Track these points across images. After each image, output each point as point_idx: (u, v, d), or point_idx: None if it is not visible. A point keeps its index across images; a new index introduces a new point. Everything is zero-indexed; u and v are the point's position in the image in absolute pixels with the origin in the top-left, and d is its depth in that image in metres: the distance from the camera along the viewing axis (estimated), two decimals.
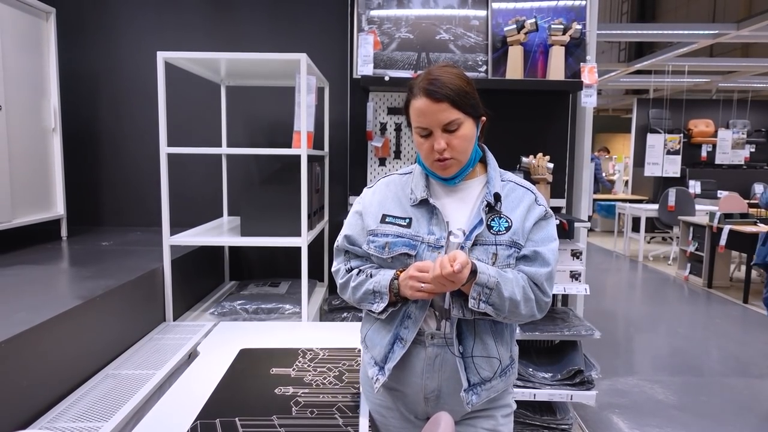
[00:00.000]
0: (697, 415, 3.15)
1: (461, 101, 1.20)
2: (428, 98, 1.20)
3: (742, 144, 9.11)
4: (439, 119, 1.20)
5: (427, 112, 1.21)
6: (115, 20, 3.11)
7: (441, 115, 1.20)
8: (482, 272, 1.17)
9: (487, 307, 1.19)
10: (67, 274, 2.16)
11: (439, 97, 1.19)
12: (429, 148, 1.24)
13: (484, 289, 1.17)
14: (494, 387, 1.30)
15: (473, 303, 1.18)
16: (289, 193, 2.32)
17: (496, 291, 1.17)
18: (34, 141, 2.64)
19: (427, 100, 1.20)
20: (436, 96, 1.19)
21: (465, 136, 1.23)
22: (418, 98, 1.22)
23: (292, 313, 2.38)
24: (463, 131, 1.22)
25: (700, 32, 7.15)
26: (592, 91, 2.64)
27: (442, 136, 1.21)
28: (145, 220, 3.15)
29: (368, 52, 2.69)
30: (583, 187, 2.88)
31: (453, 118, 1.20)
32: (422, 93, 1.21)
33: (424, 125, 1.23)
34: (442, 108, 1.20)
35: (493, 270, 1.19)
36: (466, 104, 1.21)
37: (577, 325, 2.58)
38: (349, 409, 1.44)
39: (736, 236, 5.66)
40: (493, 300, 1.18)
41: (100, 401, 1.55)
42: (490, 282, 1.17)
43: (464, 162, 1.26)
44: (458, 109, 1.20)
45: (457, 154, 1.23)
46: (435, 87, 1.19)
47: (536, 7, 2.81)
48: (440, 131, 1.21)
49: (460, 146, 1.22)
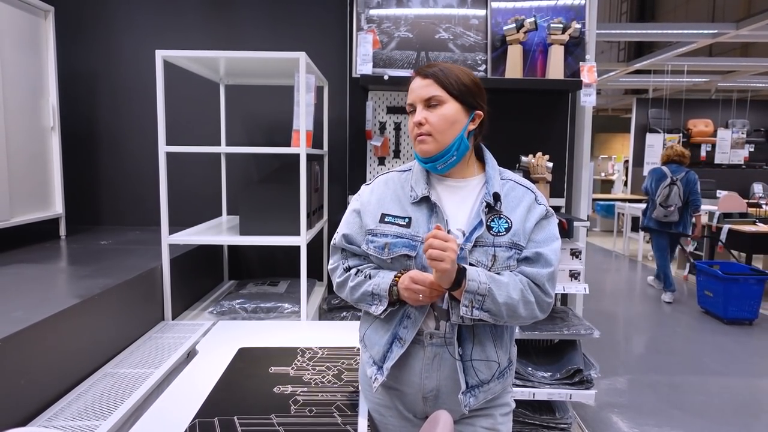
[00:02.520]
0: (696, 415, 3.15)
1: (449, 82, 1.24)
2: (419, 76, 1.27)
3: (742, 144, 9.11)
4: (422, 94, 1.25)
5: (414, 87, 1.27)
6: (114, 18, 3.10)
7: (424, 89, 1.25)
8: (472, 279, 1.16)
9: (482, 314, 1.18)
10: (66, 272, 2.16)
11: (427, 74, 1.25)
12: (412, 124, 1.28)
13: (476, 296, 1.17)
14: (492, 389, 1.30)
15: (465, 311, 1.18)
16: (288, 192, 2.32)
17: (489, 297, 1.17)
18: (33, 140, 2.63)
19: (417, 78, 1.28)
20: (425, 73, 1.26)
21: (444, 115, 1.24)
22: (413, 80, 1.29)
23: (291, 312, 2.38)
24: (443, 110, 1.24)
25: (700, 32, 7.15)
26: (592, 90, 2.64)
27: (422, 112, 1.25)
28: (144, 219, 3.15)
29: (367, 51, 2.68)
30: (582, 187, 2.88)
31: (434, 94, 1.24)
32: (416, 73, 1.29)
33: (410, 100, 1.28)
34: (426, 83, 1.25)
35: (486, 276, 1.18)
36: (453, 86, 1.24)
37: (577, 325, 2.58)
38: (347, 408, 1.44)
39: (735, 236, 5.66)
40: (487, 306, 1.18)
41: (99, 400, 1.55)
42: (481, 289, 1.16)
43: (443, 143, 1.25)
44: (442, 87, 1.24)
45: (434, 131, 1.24)
46: (428, 68, 1.26)
47: (535, 6, 2.81)
48: (422, 106, 1.25)
49: (437, 123, 1.24)
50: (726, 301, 4.87)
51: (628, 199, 9.42)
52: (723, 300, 4.90)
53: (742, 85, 10.67)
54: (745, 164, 9.22)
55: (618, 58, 14.52)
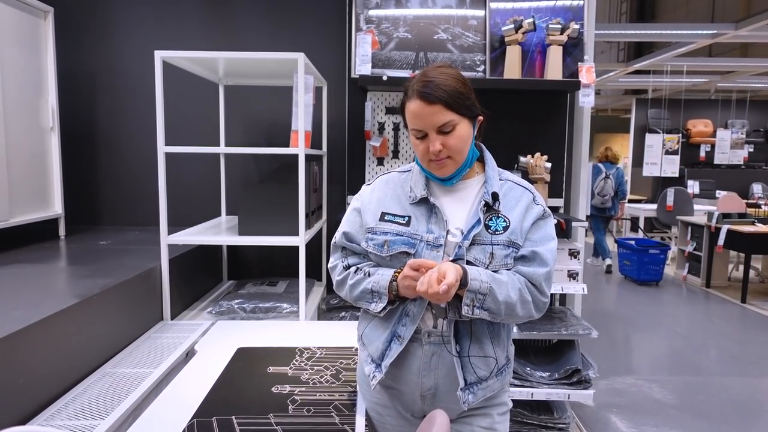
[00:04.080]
0: (695, 415, 3.16)
1: (455, 103, 1.20)
2: (422, 100, 1.20)
3: (741, 144, 9.12)
4: (433, 121, 1.21)
5: (422, 114, 1.21)
6: (113, 19, 3.11)
7: (435, 117, 1.20)
8: (474, 279, 1.17)
9: (482, 312, 1.19)
10: (65, 272, 2.16)
11: (433, 100, 1.19)
12: (425, 149, 1.24)
13: (477, 295, 1.18)
14: (490, 386, 1.30)
15: (467, 309, 1.19)
16: (286, 193, 2.33)
17: (490, 296, 1.18)
18: (32, 140, 2.64)
19: (421, 103, 1.20)
20: (429, 98, 1.19)
21: (460, 137, 1.23)
22: (413, 100, 1.22)
23: (290, 312, 2.38)
24: (458, 132, 1.22)
25: (699, 32, 7.16)
26: (590, 90, 2.64)
27: (437, 138, 1.22)
28: (143, 220, 3.15)
29: (366, 52, 2.68)
30: (581, 187, 2.89)
31: (447, 120, 1.20)
32: (416, 95, 1.21)
33: (419, 127, 1.23)
34: (435, 110, 1.20)
35: (486, 275, 1.19)
36: (460, 105, 1.21)
37: (575, 325, 2.59)
38: (345, 407, 1.44)
39: (734, 236, 5.66)
40: (488, 305, 1.19)
41: (97, 399, 1.55)
42: (483, 288, 1.17)
43: (460, 162, 1.26)
44: (452, 110, 1.20)
45: (453, 153, 1.23)
46: (428, 89, 1.19)
47: (534, 7, 2.81)
48: (435, 133, 1.22)
49: (455, 146, 1.23)
50: (639, 267, 6.39)
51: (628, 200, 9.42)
52: (637, 267, 6.40)
53: (742, 85, 10.68)
54: (744, 164, 9.22)
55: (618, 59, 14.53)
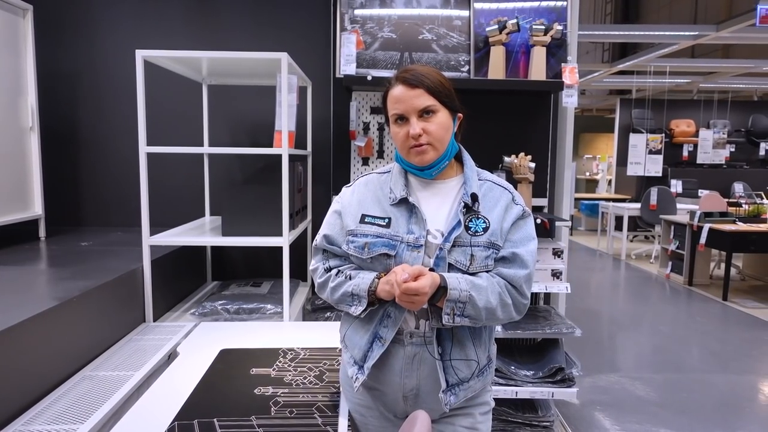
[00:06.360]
0: (678, 412, 3.20)
1: (436, 89, 1.23)
2: (404, 85, 1.24)
3: (723, 144, 9.24)
4: (415, 104, 1.23)
5: (404, 98, 1.24)
6: (94, 17, 3.07)
7: (416, 100, 1.23)
8: (453, 288, 1.18)
9: (463, 320, 1.20)
10: (45, 274, 2.13)
11: (415, 83, 1.23)
12: (405, 135, 1.25)
13: (457, 303, 1.19)
14: (472, 387, 1.31)
15: (447, 318, 1.19)
16: (270, 193, 2.31)
17: (470, 303, 1.19)
18: (11, 140, 2.59)
19: (403, 87, 1.24)
20: (412, 82, 1.23)
21: (441, 124, 1.24)
22: (395, 87, 1.26)
23: (274, 313, 2.37)
24: (438, 119, 1.24)
25: (681, 33, 7.25)
26: (573, 91, 2.66)
27: (418, 123, 1.23)
28: (125, 220, 3.11)
29: (351, 52, 2.68)
30: (564, 187, 2.91)
31: (428, 104, 1.23)
32: (399, 81, 1.25)
33: (400, 111, 1.25)
34: (417, 93, 1.23)
35: (466, 282, 1.20)
36: (441, 93, 1.24)
37: (559, 324, 2.61)
38: (328, 408, 1.44)
39: (715, 235, 5.74)
40: (468, 312, 1.20)
41: (77, 403, 1.53)
42: (462, 296, 1.18)
43: (441, 151, 1.27)
44: (434, 96, 1.23)
45: (433, 140, 1.24)
46: (411, 75, 1.24)
47: (518, 8, 2.83)
48: (416, 117, 1.23)
49: (436, 133, 1.24)
50: None
51: (612, 199, 9.52)
52: None
53: (724, 86, 10.82)
54: (726, 164, 9.35)
55: (603, 59, 14.65)
